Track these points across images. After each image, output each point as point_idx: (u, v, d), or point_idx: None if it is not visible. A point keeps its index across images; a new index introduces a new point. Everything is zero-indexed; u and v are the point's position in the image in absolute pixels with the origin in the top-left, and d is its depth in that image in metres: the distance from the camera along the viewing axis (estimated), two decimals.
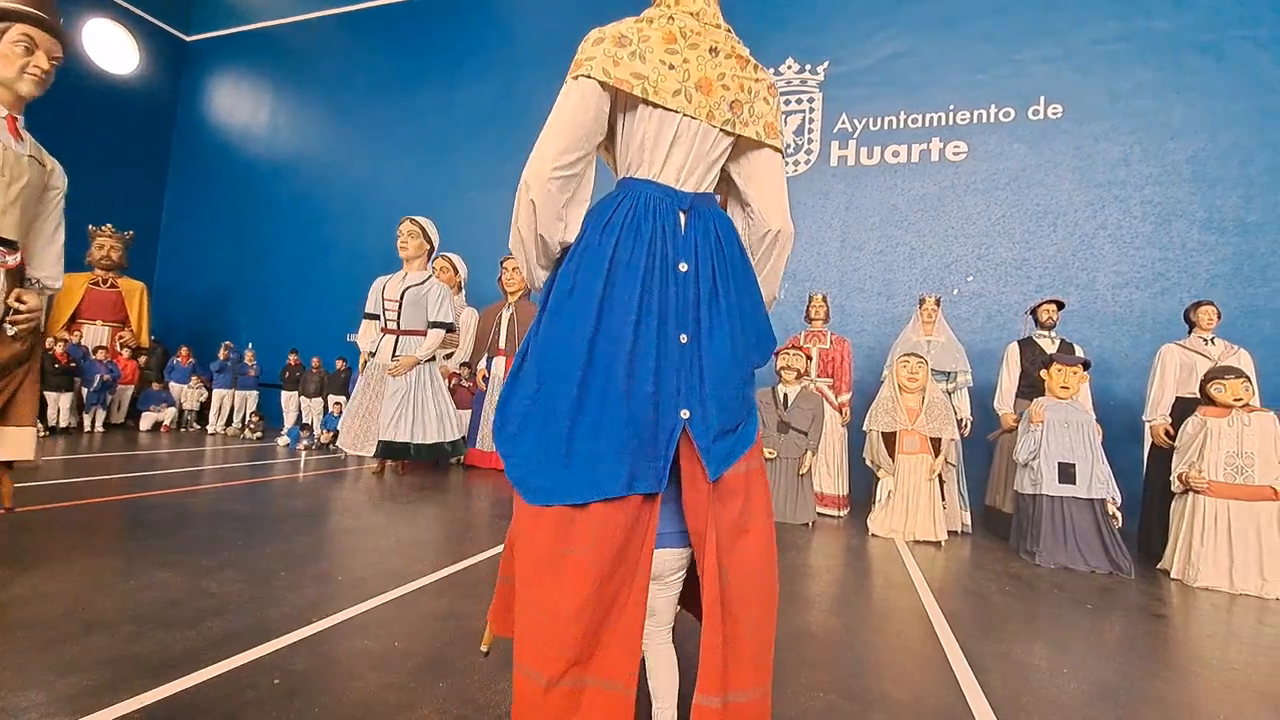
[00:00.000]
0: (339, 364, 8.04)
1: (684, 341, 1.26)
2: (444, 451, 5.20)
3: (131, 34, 9.89)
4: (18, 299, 2.38)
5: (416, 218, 5.20)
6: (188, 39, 10.75)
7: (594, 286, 1.25)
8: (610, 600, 1.18)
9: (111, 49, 9.62)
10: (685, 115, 1.30)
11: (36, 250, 2.51)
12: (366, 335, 5.31)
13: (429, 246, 5.23)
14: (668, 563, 1.30)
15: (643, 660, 1.29)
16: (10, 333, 2.39)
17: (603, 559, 1.17)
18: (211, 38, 10.63)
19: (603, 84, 1.26)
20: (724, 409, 1.27)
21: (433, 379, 5.29)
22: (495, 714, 1.50)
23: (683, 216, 1.33)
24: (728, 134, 1.36)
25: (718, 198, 1.49)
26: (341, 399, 7.76)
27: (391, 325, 5.15)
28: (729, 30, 1.40)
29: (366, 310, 5.31)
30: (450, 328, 5.28)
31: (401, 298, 5.08)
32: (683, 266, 1.28)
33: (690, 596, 1.44)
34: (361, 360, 5.28)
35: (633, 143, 1.33)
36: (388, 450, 4.98)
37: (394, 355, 5.12)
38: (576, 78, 1.27)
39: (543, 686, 1.14)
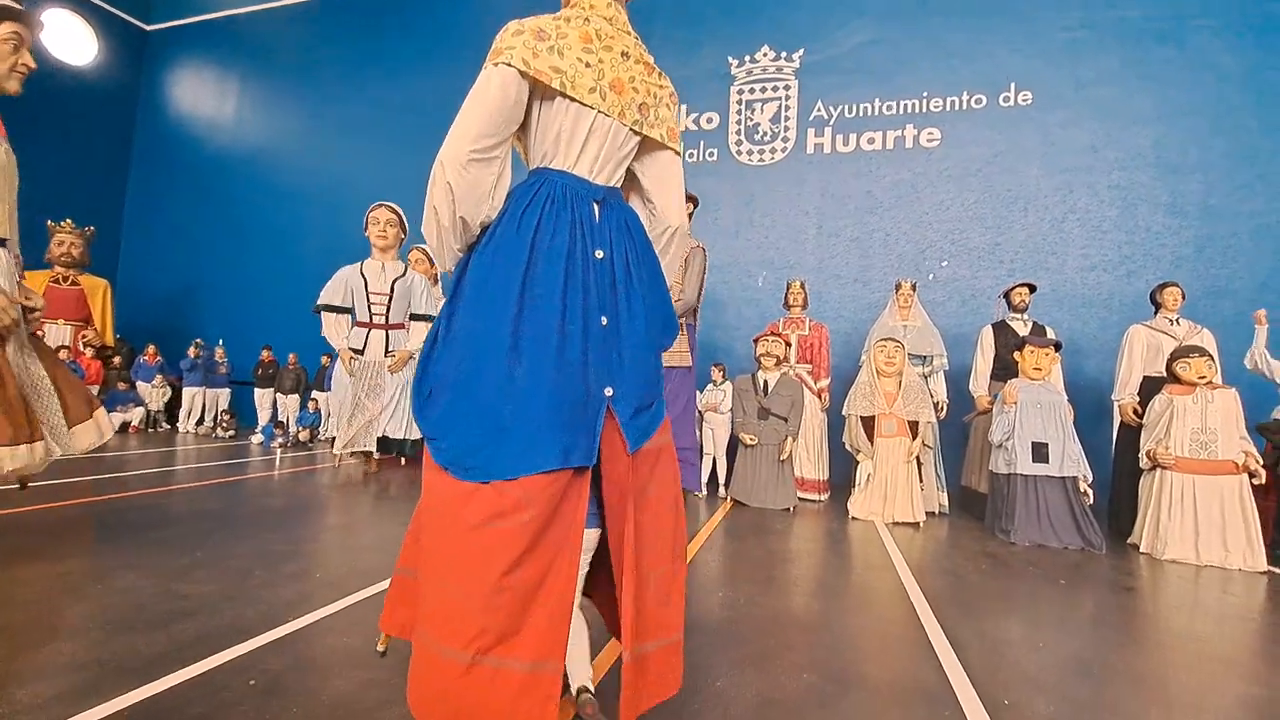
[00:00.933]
0: (324, 359, 7.85)
1: (604, 324, 1.35)
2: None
3: (89, 23, 9.54)
4: (26, 296, 2.45)
5: (393, 205, 5.00)
6: (148, 28, 10.40)
7: (515, 270, 1.30)
8: (542, 573, 1.22)
9: (69, 39, 9.28)
10: (600, 112, 1.38)
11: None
12: (339, 331, 4.93)
13: (404, 236, 5.08)
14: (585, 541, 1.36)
15: None
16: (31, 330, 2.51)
17: (533, 530, 1.21)
18: (173, 26, 10.30)
19: (522, 73, 1.31)
20: (641, 386, 1.38)
21: None
22: None
23: (596, 207, 1.41)
24: (636, 134, 1.46)
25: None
26: (321, 395, 7.62)
27: (379, 319, 4.93)
28: (637, 39, 1.50)
29: (334, 304, 4.92)
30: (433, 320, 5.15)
31: (392, 290, 4.93)
32: (599, 254, 1.36)
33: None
34: (346, 357, 4.89)
35: (548, 135, 1.39)
36: (387, 446, 4.89)
37: (387, 350, 4.95)
38: (496, 65, 1.31)
39: (465, 664, 1.16)
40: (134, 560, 2.47)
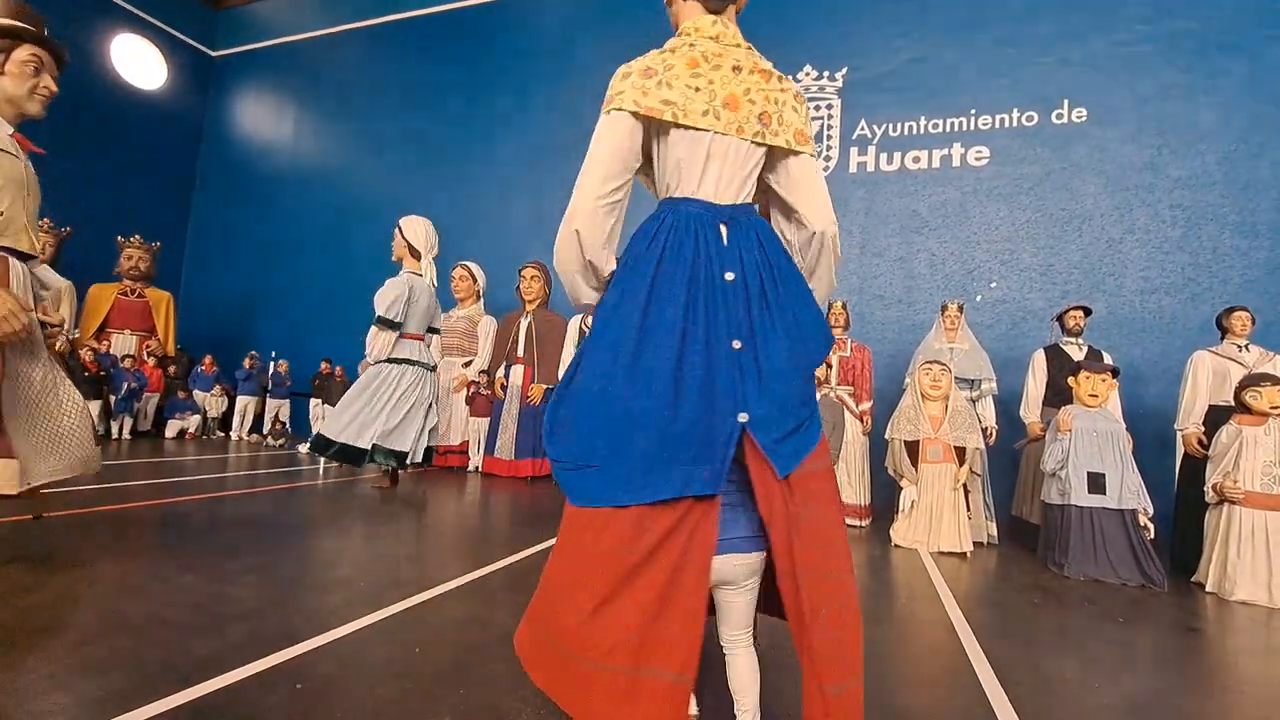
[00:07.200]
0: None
1: (737, 348, 1.30)
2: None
3: (159, 50, 10.14)
4: (44, 312, 2.42)
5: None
6: (214, 54, 11.00)
7: (638, 299, 1.32)
8: (657, 596, 1.21)
9: (139, 64, 9.86)
10: (715, 133, 1.37)
11: None
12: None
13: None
14: (737, 568, 1.30)
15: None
16: (57, 346, 2.47)
17: (637, 557, 1.21)
18: (237, 53, 10.87)
19: (634, 114, 1.35)
20: (784, 409, 1.30)
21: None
22: None
23: (724, 228, 1.39)
24: (760, 145, 1.42)
25: (756, 207, 1.54)
26: None
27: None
28: (750, 48, 1.46)
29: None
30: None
31: None
32: (729, 275, 1.34)
33: (775, 599, 1.44)
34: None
35: (669, 165, 1.41)
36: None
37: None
38: (609, 112, 1.36)
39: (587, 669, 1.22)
40: (192, 562, 2.57)
